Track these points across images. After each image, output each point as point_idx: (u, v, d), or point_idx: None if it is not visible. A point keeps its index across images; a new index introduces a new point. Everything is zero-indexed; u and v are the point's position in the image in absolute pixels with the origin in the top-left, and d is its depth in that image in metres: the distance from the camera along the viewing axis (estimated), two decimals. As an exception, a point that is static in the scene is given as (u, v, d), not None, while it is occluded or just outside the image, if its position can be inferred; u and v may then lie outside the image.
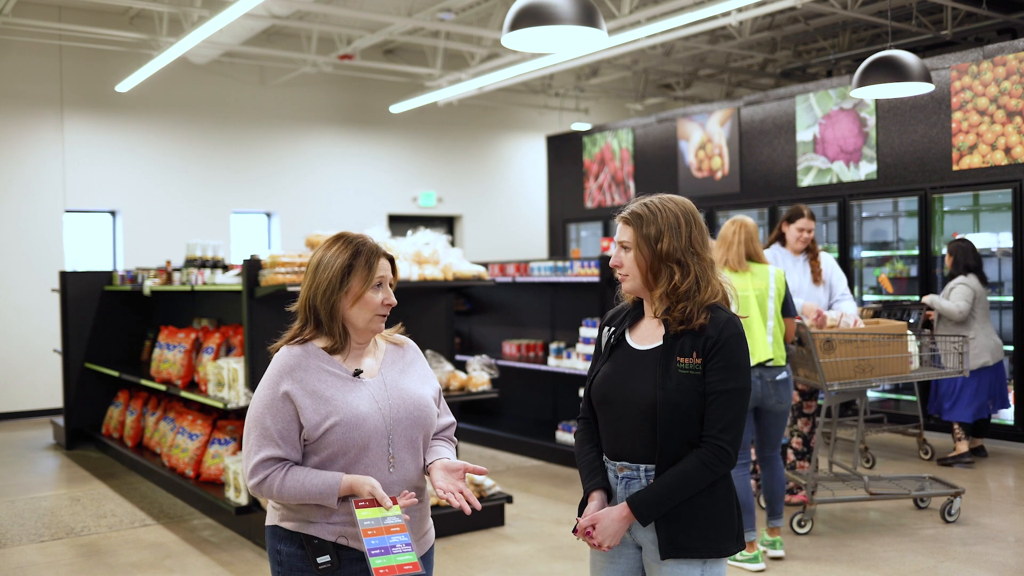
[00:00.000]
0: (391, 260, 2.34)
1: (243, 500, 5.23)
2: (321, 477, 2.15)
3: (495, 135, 13.65)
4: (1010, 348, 7.58)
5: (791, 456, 5.83)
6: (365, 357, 2.33)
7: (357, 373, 2.27)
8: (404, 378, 2.34)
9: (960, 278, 6.75)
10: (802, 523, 5.23)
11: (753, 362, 4.48)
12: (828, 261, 5.73)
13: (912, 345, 5.40)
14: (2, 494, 6.55)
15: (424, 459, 2.32)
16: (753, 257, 4.70)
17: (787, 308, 4.70)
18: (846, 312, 5.35)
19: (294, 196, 11.83)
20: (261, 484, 2.17)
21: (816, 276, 5.60)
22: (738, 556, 4.52)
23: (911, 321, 6.86)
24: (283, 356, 2.25)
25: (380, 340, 2.40)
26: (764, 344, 4.57)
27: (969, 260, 6.79)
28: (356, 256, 2.26)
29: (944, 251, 7.93)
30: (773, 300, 4.64)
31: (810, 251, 5.65)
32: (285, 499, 2.17)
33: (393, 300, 2.31)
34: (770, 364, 4.58)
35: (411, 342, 2.47)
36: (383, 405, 2.25)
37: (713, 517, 2.24)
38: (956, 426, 6.82)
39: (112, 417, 7.82)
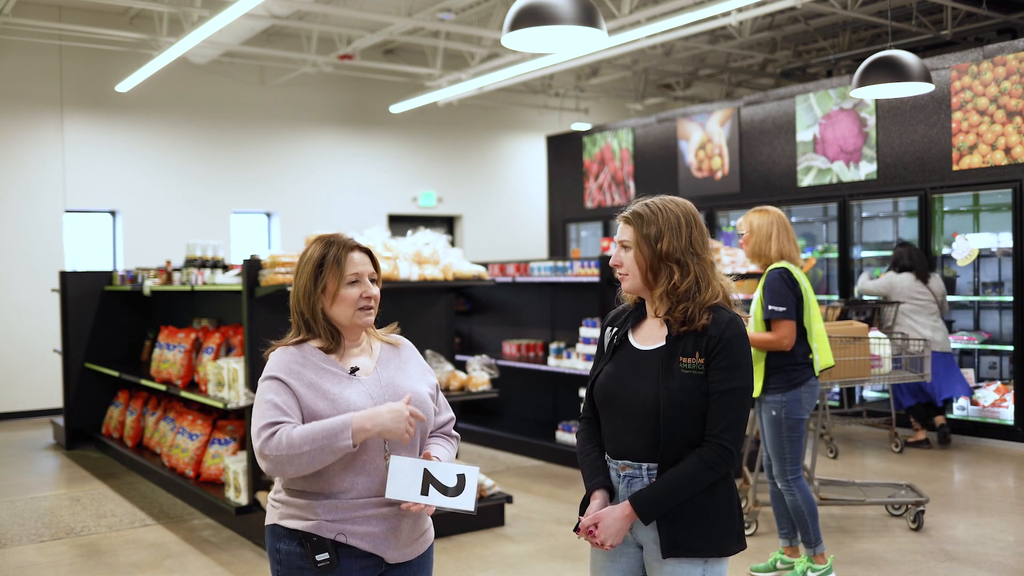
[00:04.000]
0: (369, 253, 2.34)
1: (243, 500, 5.23)
2: (334, 419, 2.13)
3: (495, 135, 13.65)
4: (1010, 348, 7.59)
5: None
6: (361, 356, 2.34)
7: (353, 371, 2.28)
8: (400, 375, 2.35)
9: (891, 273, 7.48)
10: (747, 524, 5.27)
11: (822, 366, 4.32)
12: None
13: (883, 347, 5.27)
14: (2, 494, 6.55)
15: (420, 455, 2.32)
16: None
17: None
18: None
19: (294, 196, 11.83)
20: (270, 440, 2.11)
21: None
22: (810, 571, 4.32)
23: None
24: (279, 354, 2.28)
25: (375, 340, 2.41)
26: (828, 349, 4.38)
27: (903, 261, 7.39)
28: (325, 255, 2.27)
29: (945, 251, 7.95)
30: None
31: None
32: (295, 448, 2.10)
33: (372, 292, 2.30)
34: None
35: (406, 341, 2.48)
36: (379, 401, 2.25)
37: (715, 516, 2.25)
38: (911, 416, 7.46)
39: (112, 417, 7.82)
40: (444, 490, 2.17)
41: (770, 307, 4.19)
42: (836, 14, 9.85)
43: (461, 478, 2.18)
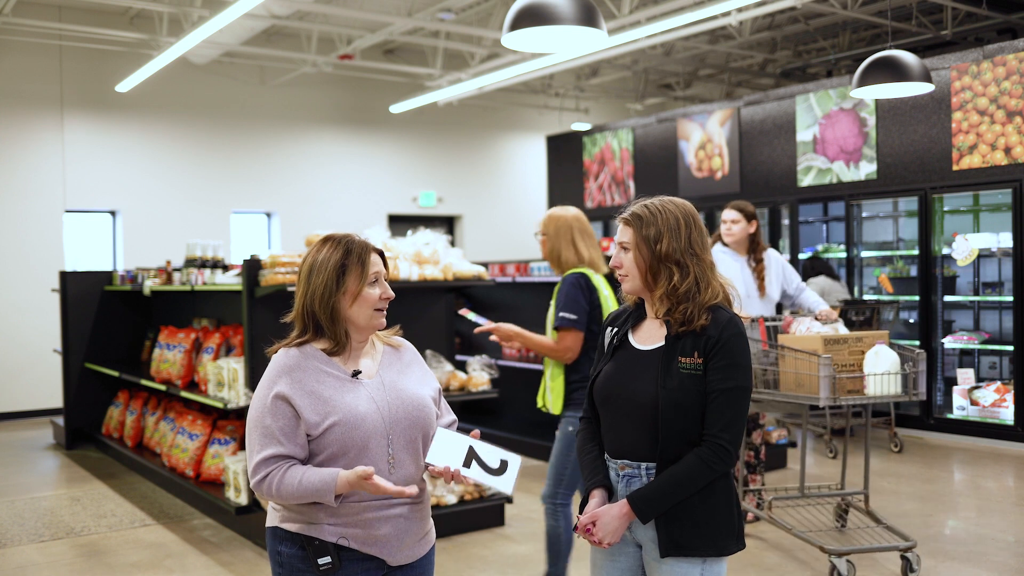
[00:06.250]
0: (381, 254, 2.34)
1: (243, 500, 5.23)
2: (318, 475, 2.14)
3: (495, 135, 13.65)
4: (1010, 348, 7.59)
5: (743, 471, 5.26)
6: (363, 358, 2.33)
7: (356, 374, 2.27)
8: (402, 379, 2.34)
9: (811, 280, 7.89)
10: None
11: None
12: (774, 262, 5.32)
13: (885, 361, 4.27)
14: (2, 494, 6.55)
15: (424, 459, 2.32)
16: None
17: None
18: (811, 307, 5.02)
19: (294, 196, 11.83)
20: (261, 483, 2.17)
21: (761, 284, 5.16)
22: None
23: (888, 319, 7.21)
24: (281, 357, 2.26)
25: (378, 342, 2.40)
26: None
27: (812, 270, 8.08)
28: (348, 255, 2.26)
29: (945, 251, 7.94)
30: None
31: (753, 253, 5.24)
32: (284, 498, 2.16)
33: (390, 293, 2.31)
34: None
35: (408, 344, 2.47)
36: (382, 405, 2.24)
37: (713, 515, 2.25)
38: None
39: (112, 417, 7.82)
40: (487, 468, 2.17)
41: (561, 313, 3.84)
42: (836, 14, 9.85)
43: (504, 463, 2.18)
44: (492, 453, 2.19)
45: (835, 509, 5.10)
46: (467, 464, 2.16)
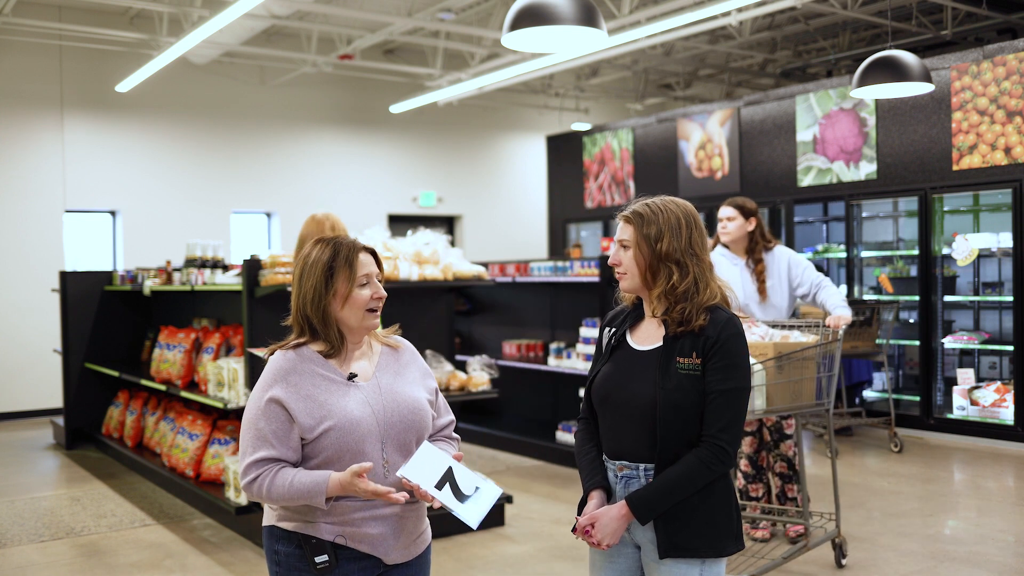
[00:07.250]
0: (373, 253, 2.33)
1: (243, 500, 5.22)
2: (309, 476, 2.14)
3: (495, 135, 13.65)
4: (1010, 348, 7.59)
5: (740, 480, 4.97)
6: (360, 360, 2.32)
7: (351, 377, 2.26)
8: (398, 381, 2.33)
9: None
10: None
11: None
12: (776, 261, 4.89)
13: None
14: (2, 494, 6.55)
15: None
16: None
17: None
18: (829, 309, 4.60)
19: (294, 196, 11.83)
20: (252, 484, 2.17)
21: (760, 288, 4.78)
22: None
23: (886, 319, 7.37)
24: (277, 360, 2.25)
25: (375, 342, 2.39)
26: None
27: None
28: (335, 256, 2.25)
29: (945, 251, 7.94)
30: None
31: (752, 254, 4.86)
32: (274, 500, 2.17)
33: (382, 293, 2.30)
34: None
35: (407, 343, 2.46)
36: (377, 409, 2.24)
37: (712, 516, 2.25)
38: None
39: (112, 417, 7.82)
40: (459, 494, 2.16)
41: None
42: (836, 14, 9.85)
43: (479, 492, 2.18)
44: (469, 479, 2.18)
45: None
46: (440, 486, 2.15)
